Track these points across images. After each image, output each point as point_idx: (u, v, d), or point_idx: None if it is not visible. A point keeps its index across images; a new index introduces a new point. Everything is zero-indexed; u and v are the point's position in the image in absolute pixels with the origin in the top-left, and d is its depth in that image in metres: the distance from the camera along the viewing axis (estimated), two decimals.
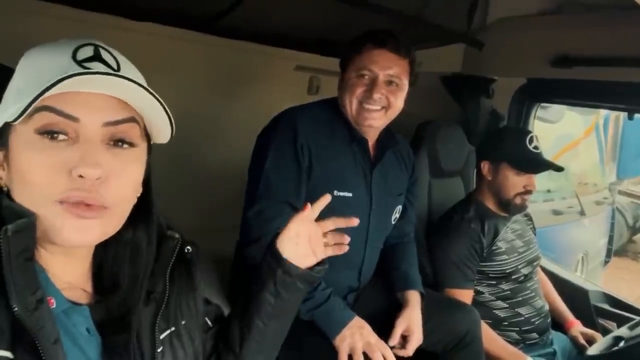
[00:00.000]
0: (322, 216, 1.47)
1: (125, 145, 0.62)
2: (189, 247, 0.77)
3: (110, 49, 0.64)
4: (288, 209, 1.39)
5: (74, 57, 0.60)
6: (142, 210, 0.70)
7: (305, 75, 2.30)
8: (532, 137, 1.76)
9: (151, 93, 0.60)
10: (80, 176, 0.57)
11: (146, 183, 0.71)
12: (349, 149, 1.49)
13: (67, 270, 0.66)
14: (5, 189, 0.62)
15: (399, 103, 1.45)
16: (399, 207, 1.63)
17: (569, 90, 2.09)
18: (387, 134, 1.55)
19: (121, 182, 0.62)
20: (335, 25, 1.90)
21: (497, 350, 1.63)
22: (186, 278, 0.77)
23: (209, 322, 0.85)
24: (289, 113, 1.48)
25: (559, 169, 1.78)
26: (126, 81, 0.58)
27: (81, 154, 0.58)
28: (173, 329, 0.73)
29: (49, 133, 0.58)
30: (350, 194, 1.46)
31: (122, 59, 0.65)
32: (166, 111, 0.63)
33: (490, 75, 2.27)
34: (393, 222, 1.61)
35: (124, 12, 1.61)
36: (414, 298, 1.51)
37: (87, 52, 0.61)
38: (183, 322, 0.75)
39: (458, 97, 2.35)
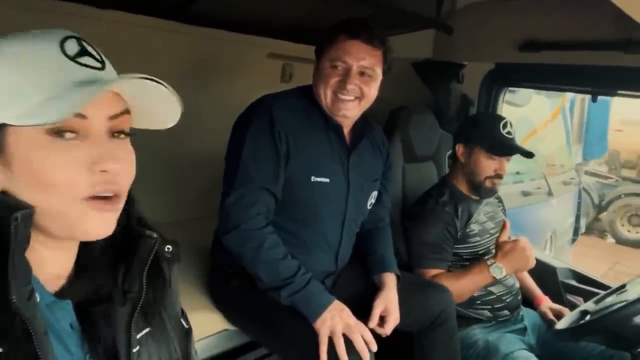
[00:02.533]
0: (301, 203, 1.50)
1: (122, 136, 0.65)
2: (169, 247, 0.76)
3: (84, 39, 0.64)
4: (266, 195, 1.41)
5: (64, 52, 0.60)
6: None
7: (278, 62, 2.29)
8: (506, 122, 1.80)
9: (161, 83, 0.63)
10: (104, 171, 0.60)
11: None
12: (325, 135, 1.51)
13: (59, 262, 0.66)
14: None
15: (372, 93, 1.46)
16: (375, 193, 1.65)
17: (536, 75, 2.14)
18: (363, 121, 1.56)
19: (129, 170, 0.65)
20: (308, 13, 1.89)
21: (465, 283, 1.70)
22: (164, 278, 0.77)
23: (184, 324, 0.84)
24: (265, 100, 1.48)
25: (529, 154, 1.82)
26: (129, 77, 0.60)
27: (98, 149, 0.60)
28: (149, 329, 0.72)
29: (58, 133, 0.58)
30: (327, 180, 1.48)
31: (99, 50, 0.65)
32: (175, 95, 0.65)
33: (460, 60, 2.30)
34: (369, 207, 1.64)
35: (90, 0, 1.57)
36: (391, 280, 1.54)
37: (74, 46, 0.62)
38: (160, 323, 0.75)
39: (429, 82, 2.38)
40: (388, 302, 1.48)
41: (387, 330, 1.46)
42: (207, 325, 1.49)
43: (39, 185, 0.59)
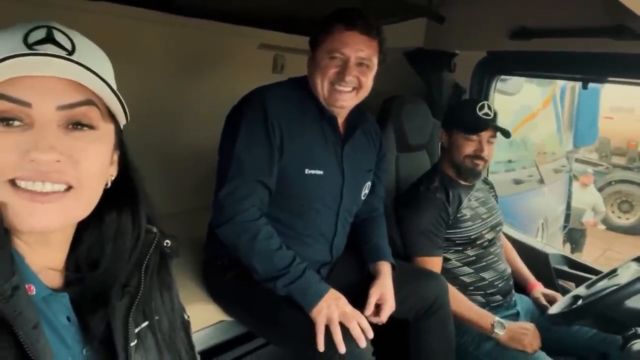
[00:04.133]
0: (295, 195, 1.50)
1: (84, 128, 0.61)
2: (168, 241, 0.76)
3: (67, 30, 0.62)
4: (260, 187, 1.41)
5: (24, 40, 0.58)
6: (126, 194, 0.70)
7: (269, 53, 2.28)
8: (483, 104, 1.81)
9: (99, 77, 0.59)
10: (31, 160, 0.57)
11: (124, 166, 0.70)
12: (319, 127, 1.51)
13: (46, 255, 0.65)
14: None
15: (369, 83, 1.47)
16: (369, 183, 1.66)
17: (528, 62, 2.15)
18: (357, 111, 1.56)
19: (84, 162, 0.61)
20: (299, 2, 1.87)
21: (466, 312, 1.71)
22: (163, 273, 0.76)
23: (185, 316, 0.83)
24: (258, 92, 1.47)
25: (506, 132, 1.83)
26: (77, 65, 0.57)
27: (36, 138, 0.57)
28: (147, 323, 0.72)
29: (3, 120, 0.57)
30: (321, 172, 1.48)
31: (79, 39, 0.63)
32: (116, 95, 0.61)
33: (452, 49, 2.30)
34: (363, 198, 1.65)
35: None
36: (386, 268, 1.55)
37: (39, 34, 0.59)
38: (157, 317, 0.74)
39: (421, 71, 2.38)
40: (383, 290, 1.49)
41: (383, 318, 1.47)
42: (204, 316, 1.49)
43: None
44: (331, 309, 1.30)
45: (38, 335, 0.56)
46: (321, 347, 1.27)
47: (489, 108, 1.80)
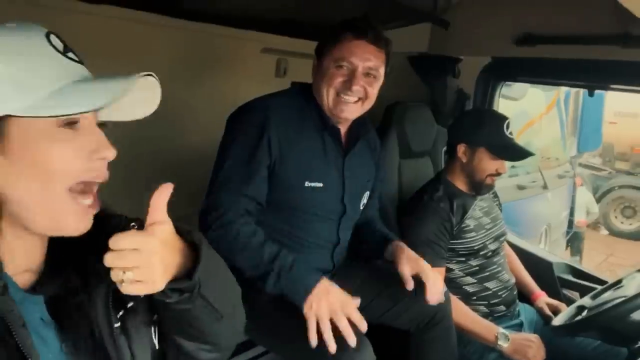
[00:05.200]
0: (296, 207, 1.48)
1: (102, 126, 0.68)
2: (133, 223, 0.74)
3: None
4: (245, 200, 1.37)
5: (54, 47, 0.63)
6: None
7: (272, 57, 2.26)
8: (508, 122, 1.79)
9: (152, 75, 0.67)
10: (102, 159, 0.65)
11: None
12: (319, 137, 1.49)
13: (27, 256, 0.66)
14: None
15: (375, 94, 1.46)
16: (367, 193, 1.65)
17: (533, 69, 2.13)
18: (361, 121, 1.55)
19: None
20: (302, 6, 1.86)
21: (470, 323, 1.68)
22: None
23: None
24: (258, 106, 1.45)
25: (531, 155, 1.83)
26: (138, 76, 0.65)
27: (96, 138, 0.65)
28: (131, 304, 0.72)
29: (71, 124, 0.62)
30: (320, 184, 1.46)
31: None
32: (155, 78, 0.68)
33: (457, 54, 2.28)
34: (361, 208, 1.63)
35: None
36: (401, 244, 1.54)
37: (58, 41, 0.64)
38: (142, 297, 0.72)
39: (425, 77, 2.37)
40: (413, 261, 1.47)
41: (440, 286, 1.47)
42: None
43: (36, 173, 0.60)
44: (320, 305, 1.25)
45: (26, 333, 0.59)
46: (314, 342, 1.23)
47: (509, 124, 1.79)
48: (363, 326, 1.25)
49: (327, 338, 1.22)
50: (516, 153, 1.80)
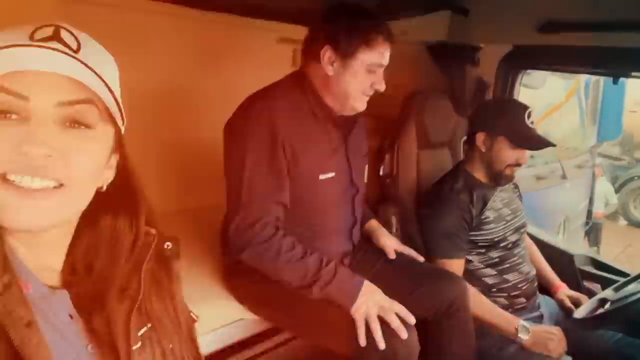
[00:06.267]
0: (312, 200, 1.49)
1: (81, 127, 0.61)
2: (168, 243, 0.75)
3: (74, 30, 0.62)
4: (274, 206, 1.40)
5: (30, 36, 0.58)
6: (123, 198, 0.70)
7: (288, 47, 2.25)
8: (530, 112, 1.75)
9: (100, 78, 0.59)
10: (25, 154, 0.57)
11: (123, 170, 0.70)
12: (323, 128, 1.50)
13: (42, 255, 0.65)
14: None
15: None
16: (367, 166, 1.70)
17: (555, 56, 2.07)
18: None
19: (76, 159, 0.60)
20: None
21: (489, 315, 1.67)
22: (164, 275, 0.76)
23: (194, 316, 0.83)
24: (261, 105, 1.43)
25: (552, 145, 1.79)
26: (80, 63, 0.57)
27: (29, 132, 0.57)
28: (149, 325, 0.71)
29: (1, 112, 0.57)
30: (332, 174, 1.49)
31: (86, 40, 0.62)
32: (115, 99, 0.61)
33: (476, 42, 2.23)
34: (365, 181, 1.68)
35: None
36: (374, 223, 1.74)
37: (46, 32, 0.59)
38: (163, 319, 0.74)
39: (444, 66, 2.32)
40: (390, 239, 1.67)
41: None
42: (222, 315, 1.49)
43: None
44: (368, 305, 1.31)
45: (31, 333, 0.57)
46: (363, 342, 1.28)
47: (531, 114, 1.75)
48: (411, 319, 1.31)
49: (378, 338, 1.27)
50: (536, 143, 1.76)
